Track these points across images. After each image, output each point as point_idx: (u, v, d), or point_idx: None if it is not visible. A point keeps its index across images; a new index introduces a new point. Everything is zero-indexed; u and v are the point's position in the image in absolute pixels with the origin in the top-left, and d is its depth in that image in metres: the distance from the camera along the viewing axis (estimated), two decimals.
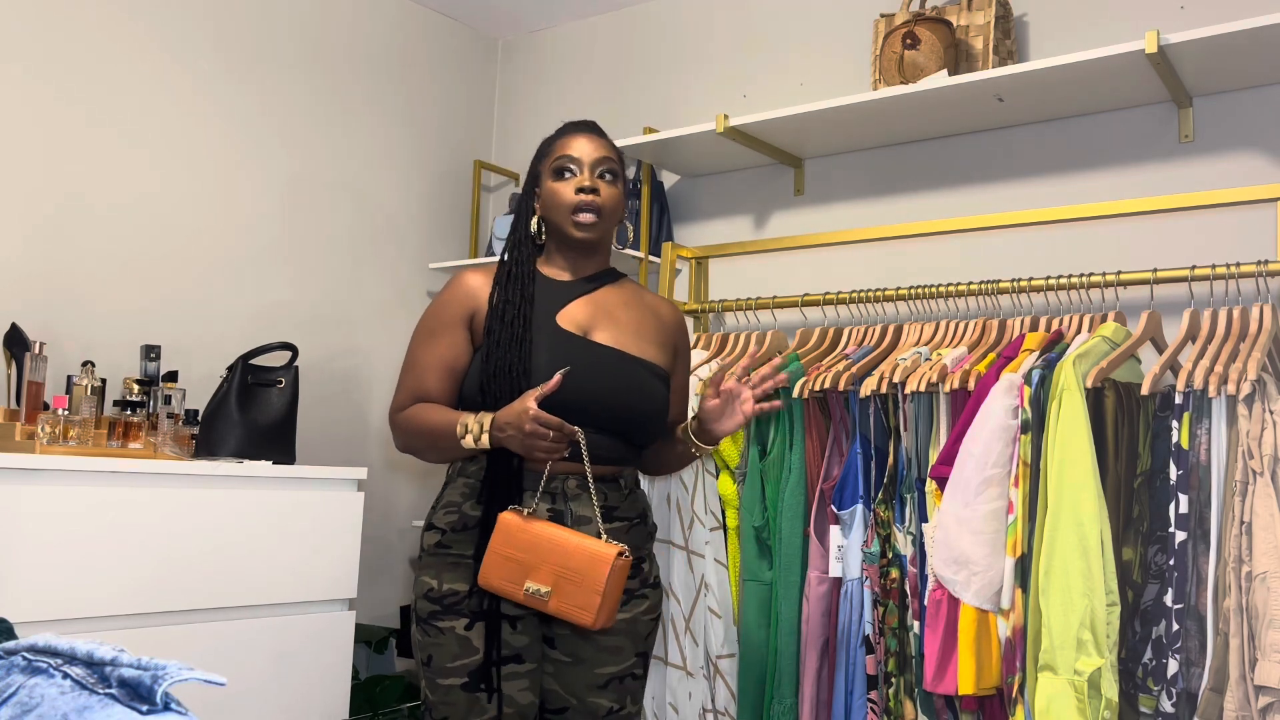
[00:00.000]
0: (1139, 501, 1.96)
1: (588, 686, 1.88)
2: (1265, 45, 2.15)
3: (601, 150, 1.94)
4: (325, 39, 3.19)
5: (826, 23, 2.99)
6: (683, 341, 2.07)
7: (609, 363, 1.88)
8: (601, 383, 1.85)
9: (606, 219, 1.92)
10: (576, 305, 1.92)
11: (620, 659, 1.90)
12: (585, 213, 1.89)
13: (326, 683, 2.32)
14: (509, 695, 1.84)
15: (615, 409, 1.86)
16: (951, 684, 2.02)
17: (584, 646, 1.88)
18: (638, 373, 1.90)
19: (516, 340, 1.84)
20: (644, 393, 1.90)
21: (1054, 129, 2.60)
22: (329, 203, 3.19)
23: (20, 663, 0.84)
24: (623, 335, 1.92)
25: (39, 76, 2.59)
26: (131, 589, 2.03)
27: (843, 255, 2.83)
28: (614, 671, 1.89)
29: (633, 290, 2.03)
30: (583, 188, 1.89)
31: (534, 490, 1.83)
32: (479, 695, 1.82)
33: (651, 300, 2.05)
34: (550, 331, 1.87)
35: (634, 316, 1.96)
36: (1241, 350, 1.95)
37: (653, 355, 1.95)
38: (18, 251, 2.53)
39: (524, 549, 1.75)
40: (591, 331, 1.91)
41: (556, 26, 3.60)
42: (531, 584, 1.74)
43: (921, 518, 2.15)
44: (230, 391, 2.38)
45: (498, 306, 1.88)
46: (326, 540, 2.32)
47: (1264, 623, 1.77)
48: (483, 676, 1.82)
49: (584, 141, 1.94)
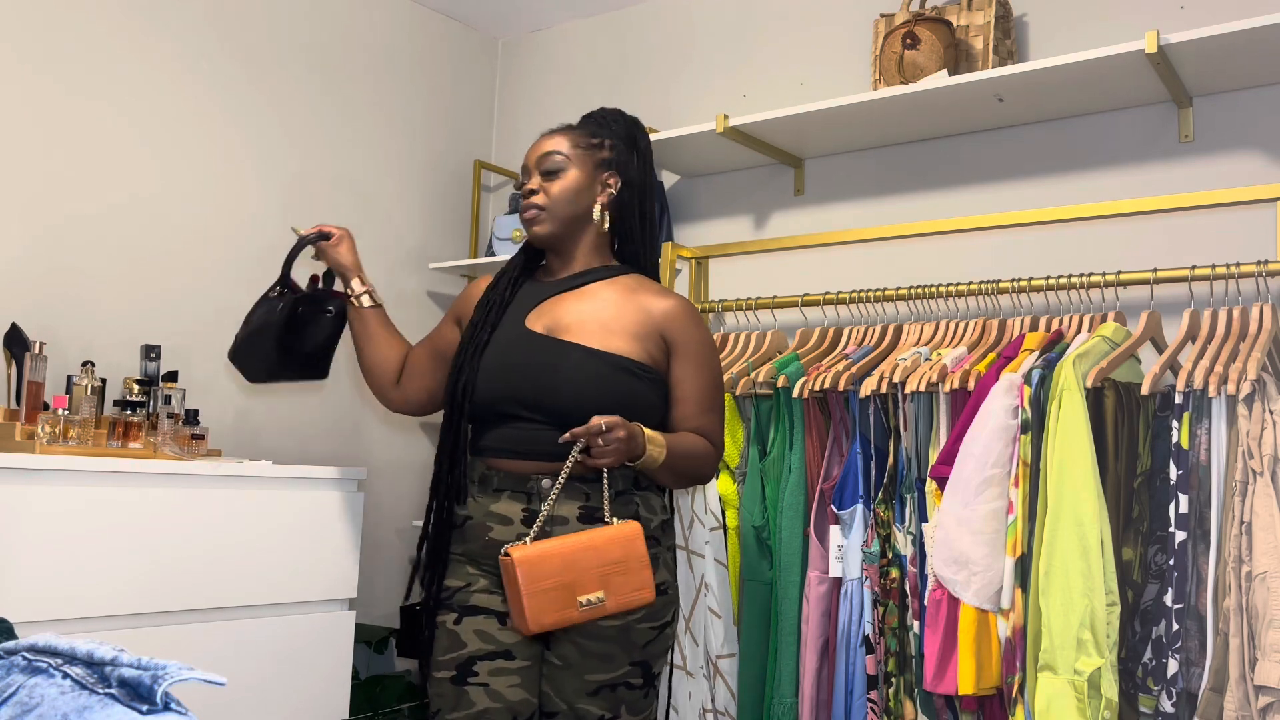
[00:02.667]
0: (1139, 501, 1.96)
1: (577, 692, 1.86)
2: (1265, 45, 2.15)
3: (545, 147, 1.96)
4: (325, 39, 3.19)
5: (826, 23, 2.99)
6: (679, 332, 1.91)
7: (571, 359, 1.85)
8: (559, 379, 1.84)
9: (553, 212, 1.94)
10: (550, 304, 1.94)
11: (611, 666, 1.85)
12: (526, 212, 1.95)
13: (326, 683, 2.31)
14: (497, 690, 1.84)
15: (570, 405, 1.81)
16: (951, 684, 2.02)
17: (572, 651, 1.85)
18: (599, 368, 1.83)
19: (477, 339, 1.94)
20: (606, 387, 1.82)
21: (1054, 129, 2.60)
22: (329, 202, 3.18)
23: (20, 663, 0.84)
24: (591, 331, 1.87)
25: (40, 76, 2.58)
26: (131, 589, 2.02)
27: (843, 255, 2.83)
28: (604, 679, 1.85)
29: (631, 285, 1.95)
30: (525, 192, 1.96)
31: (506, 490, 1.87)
32: (465, 689, 1.85)
33: (647, 294, 1.94)
34: (514, 332, 1.92)
35: (613, 311, 1.90)
36: (1241, 350, 1.95)
37: (624, 349, 1.86)
38: (18, 252, 2.53)
39: (559, 572, 1.72)
40: (559, 330, 1.89)
41: (556, 26, 3.60)
42: (584, 596, 1.73)
43: (921, 518, 2.15)
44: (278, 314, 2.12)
45: (479, 308, 1.99)
46: (326, 540, 2.32)
47: (1264, 623, 1.77)
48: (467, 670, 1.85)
49: (536, 145, 1.98)
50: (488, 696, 1.84)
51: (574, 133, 1.98)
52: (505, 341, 1.92)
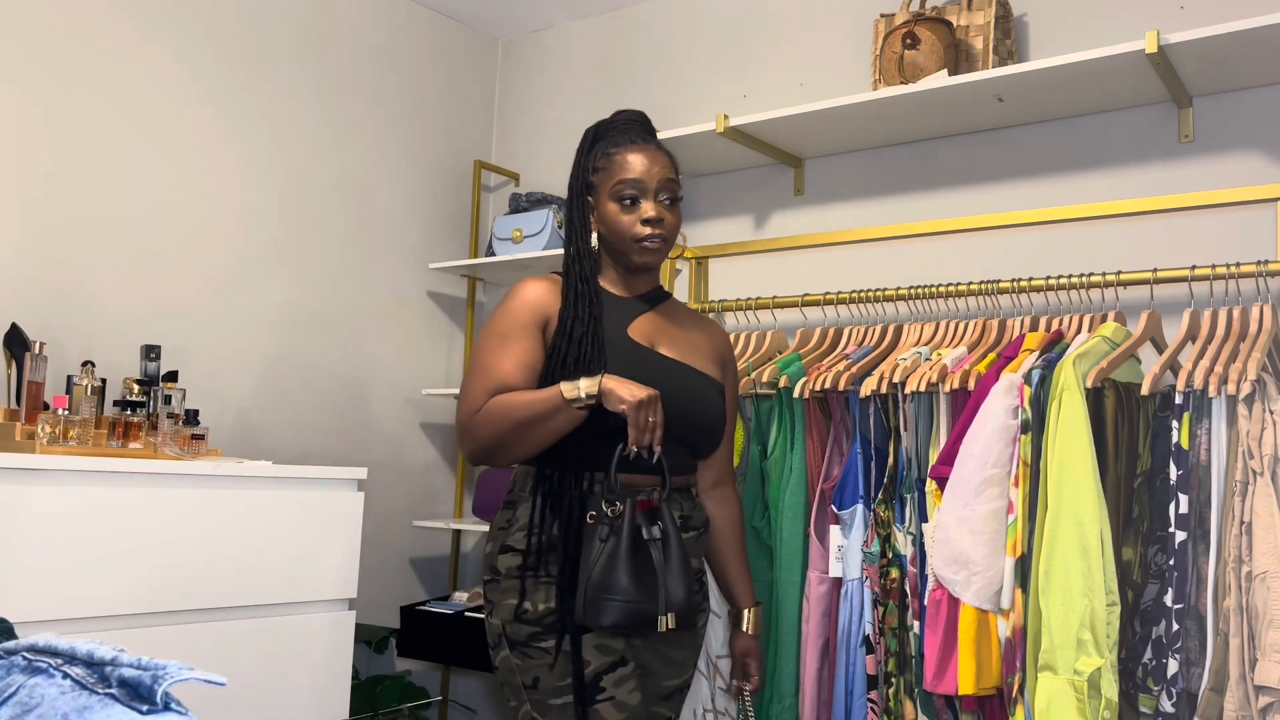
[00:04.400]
0: (1139, 501, 1.96)
1: (652, 698, 1.90)
2: (1265, 45, 2.15)
3: (665, 171, 1.90)
4: (325, 38, 3.19)
5: (826, 23, 2.99)
6: (729, 356, 2.10)
7: (677, 375, 1.91)
8: (671, 394, 1.82)
9: (669, 243, 1.93)
10: (643, 320, 1.95)
11: (683, 671, 1.97)
12: (651, 241, 1.89)
13: (326, 683, 2.31)
14: (620, 700, 1.80)
15: (685, 419, 1.89)
16: (951, 684, 2.02)
17: (652, 658, 1.90)
18: (701, 385, 1.95)
19: (593, 355, 1.83)
20: (707, 404, 1.95)
21: (1054, 129, 2.60)
22: (329, 202, 3.19)
23: (20, 663, 0.84)
24: (683, 350, 1.96)
25: (41, 76, 2.58)
26: (131, 589, 2.02)
27: (843, 255, 2.83)
28: (677, 684, 1.95)
29: (681, 307, 2.08)
30: (648, 219, 1.87)
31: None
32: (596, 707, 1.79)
33: (698, 316, 2.10)
34: (623, 345, 1.89)
35: (688, 332, 2.01)
36: (1241, 350, 1.95)
37: (709, 369, 1.99)
38: (18, 252, 2.53)
39: None
40: (656, 346, 1.94)
41: (556, 26, 3.60)
42: None
43: (921, 518, 2.15)
44: None
45: (568, 323, 1.85)
46: (326, 540, 2.32)
47: (1264, 623, 1.77)
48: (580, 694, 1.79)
49: (646, 161, 1.89)
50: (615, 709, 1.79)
51: (669, 156, 1.94)
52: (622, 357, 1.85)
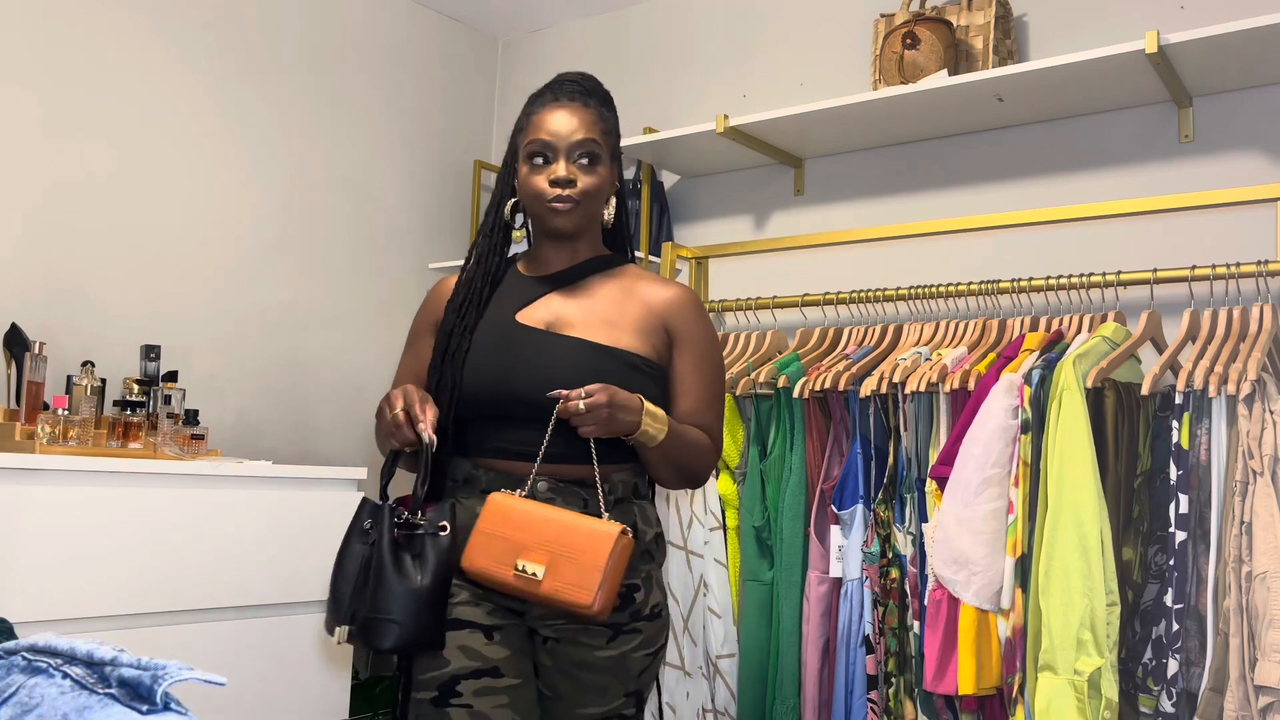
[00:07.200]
0: (1139, 501, 1.96)
1: None
2: (1265, 45, 2.15)
3: (581, 130, 1.72)
4: (325, 39, 3.19)
5: (826, 23, 2.99)
6: (682, 325, 1.79)
7: (571, 354, 1.70)
8: (560, 375, 1.66)
9: (586, 205, 1.74)
10: (549, 299, 1.77)
11: (605, 699, 1.71)
12: (559, 202, 1.72)
13: (326, 683, 2.31)
14: (482, 711, 1.63)
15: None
16: (951, 684, 2.02)
17: (563, 681, 1.71)
18: (604, 363, 1.70)
19: (460, 333, 1.74)
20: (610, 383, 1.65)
21: (1054, 129, 2.60)
22: (329, 202, 3.18)
23: (20, 663, 0.84)
24: (593, 325, 1.74)
25: (41, 77, 2.58)
26: (131, 589, 2.02)
27: (843, 255, 2.83)
28: (598, 712, 1.71)
29: (631, 278, 1.82)
30: (556, 179, 1.71)
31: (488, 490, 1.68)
32: (447, 710, 1.63)
33: (647, 286, 1.81)
34: (505, 326, 1.74)
35: (614, 305, 1.77)
36: (1241, 350, 1.95)
37: (629, 343, 1.73)
38: (18, 251, 2.53)
39: (516, 527, 1.60)
40: (559, 324, 1.74)
41: (556, 26, 3.60)
42: (523, 562, 1.59)
43: (921, 518, 2.15)
44: None
45: (455, 302, 1.78)
46: (326, 540, 2.31)
47: (1264, 623, 1.77)
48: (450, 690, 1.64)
49: (563, 118, 1.73)
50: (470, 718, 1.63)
51: (597, 114, 1.77)
52: (497, 336, 1.74)
